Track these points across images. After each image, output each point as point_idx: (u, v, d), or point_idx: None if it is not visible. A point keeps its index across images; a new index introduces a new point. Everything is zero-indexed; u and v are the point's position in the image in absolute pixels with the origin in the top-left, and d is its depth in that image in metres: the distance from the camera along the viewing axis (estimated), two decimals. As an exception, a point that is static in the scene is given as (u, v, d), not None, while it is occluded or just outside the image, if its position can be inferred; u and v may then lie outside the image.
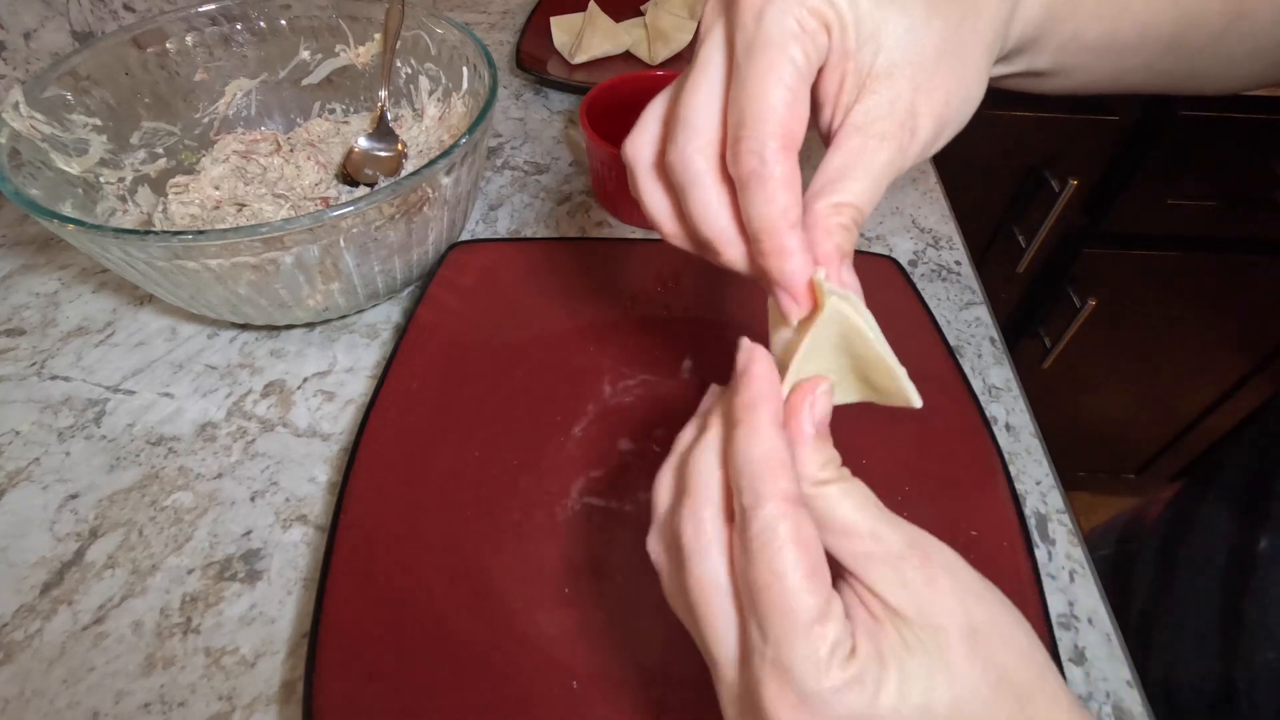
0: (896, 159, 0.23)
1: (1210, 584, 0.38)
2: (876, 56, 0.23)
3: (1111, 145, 0.87)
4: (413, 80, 0.53)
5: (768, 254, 0.22)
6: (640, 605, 0.34)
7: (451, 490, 0.37)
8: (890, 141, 0.23)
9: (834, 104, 0.24)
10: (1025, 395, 0.44)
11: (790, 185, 0.22)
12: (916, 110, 0.23)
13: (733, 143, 0.22)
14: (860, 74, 0.23)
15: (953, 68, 0.24)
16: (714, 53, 0.23)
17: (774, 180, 0.21)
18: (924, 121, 0.23)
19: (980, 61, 0.25)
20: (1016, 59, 0.28)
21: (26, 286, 0.48)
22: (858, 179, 0.23)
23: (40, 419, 0.41)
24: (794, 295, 0.22)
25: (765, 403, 0.20)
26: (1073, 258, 0.97)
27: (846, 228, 0.23)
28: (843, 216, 0.22)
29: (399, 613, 0.33)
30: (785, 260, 0.22)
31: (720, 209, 0.24)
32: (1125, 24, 0.29)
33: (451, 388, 0.41)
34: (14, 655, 0.33)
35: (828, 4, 0.22)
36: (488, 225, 0.54)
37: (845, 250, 0.23)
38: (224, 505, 0.38)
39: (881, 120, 0.23)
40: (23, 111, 0.41)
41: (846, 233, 0.23)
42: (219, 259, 0.36)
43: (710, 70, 0.23)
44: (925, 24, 0.23)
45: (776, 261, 0.22)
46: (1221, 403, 1.17)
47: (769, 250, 0.22)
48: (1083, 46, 0.29)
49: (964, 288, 0.51)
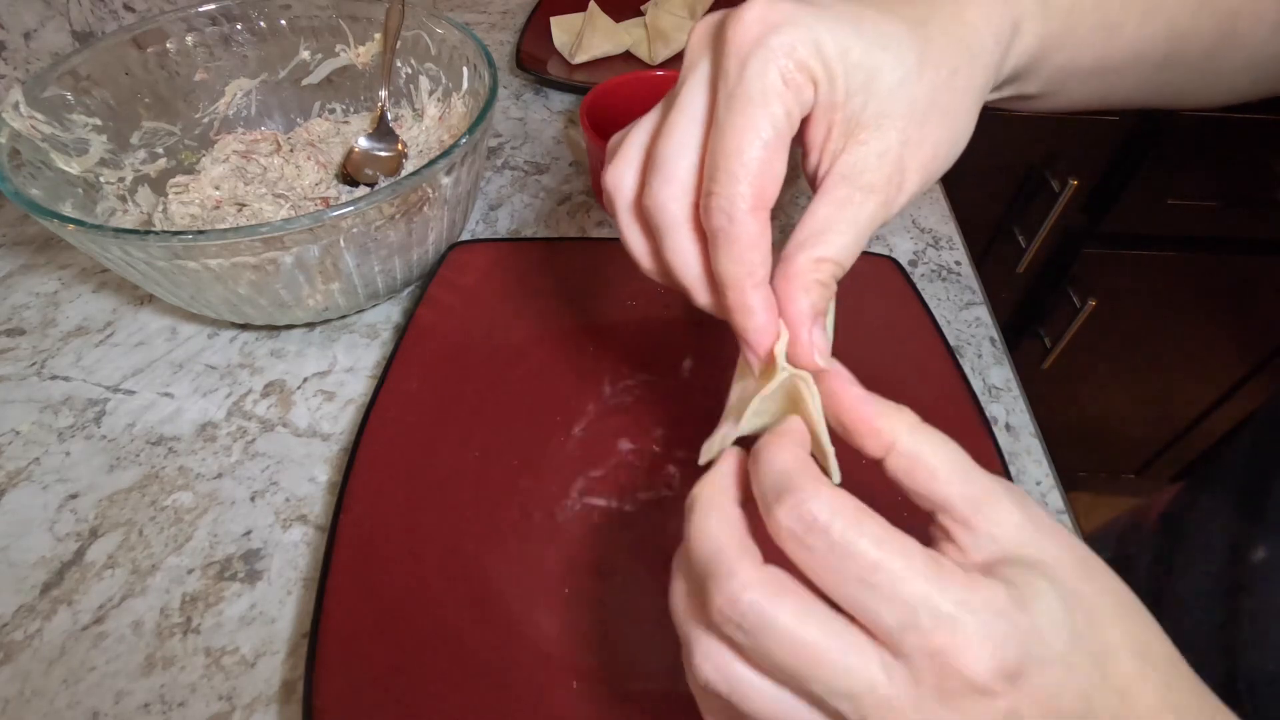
0: (881, 212, 0.23)
1: (1207, 590, 0.38)
2: (866, 107, 0.22)
3: (1111, 145, 0.87)
4: (413, 80, 0.53)
5: (732, 310, 0.23)
6: (640, 605, 0.34)
7: (451, 490, 0.37)
8: (876, 195, 0.23)
9: (820, 151, 0.23)
10: (1025, 395, 0.44)
11: (757, 245, 0.22)
12: (904, 164, 0.23)
13: (705, 196, 0.22)
14: (849, 123, 0.23)
15: (943, 117, 0.24)
16: (695, 94, 0.23)
17: (740, 241, 0.22)
18: (911, 175, 0.23)
19: (971, 107, 0.25)
20: (1007, 87, 0.28)
21: (26, 286, 0.48)
22: (841, 233, 0.22)
23: (40, 419, 0.41)
24: (755, 351, 0.22)
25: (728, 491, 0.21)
26: (1073, 258, 0.97)
27: (824, 284, 0.23)
28: (821, 273, 0.22)
29: (399, 613, 0.33)
30: (748, 318, 0.22)
31: (692, 257, 0.24)
32: (1117, 47, 0.28)
33: (451, 388, 0.41)
34: (14, 655, 0.33)
35: (816, 56, 0.21)
36: (488, 225, 0.54)
37: (819, 308, 0.23)
38: (224, 505, 0.38)
39: (869, 173, 0.23)
40: (23, 111, 0.41)
41: (823, 289, 0.23)
42: (219, 259, 0.36)
43: (689, 112, 0.23)
44: (917, 75, 0.23)
45: (740, 318, 0.22)
46: (1221, 403, 1.17)
47: (733, 306, 0.22)
48: (1075, 71, 0.28)
49: (964, 288, 0.51)
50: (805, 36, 0.21)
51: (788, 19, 0.21)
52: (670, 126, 0.23)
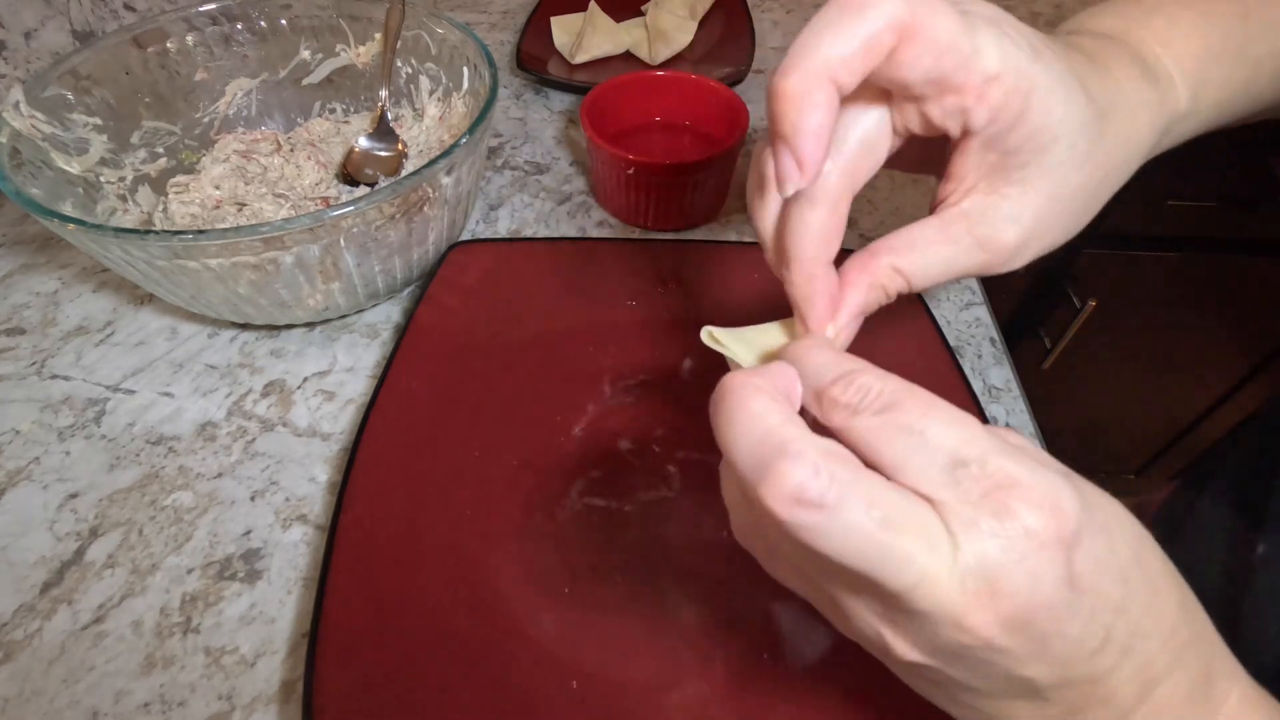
0: (976, 269, 0.23)
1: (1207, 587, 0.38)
2: (1026, 166, 0.22)
3: (1112, 146, 0.87)
4: (413, 80, 0.53)
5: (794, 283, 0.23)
6: (640, 605, 0.34)
7: (451, 490, 0.37)
8: (984, 254, 0.22)
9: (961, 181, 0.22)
10: (1025, 395, 0.44)
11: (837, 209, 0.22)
12: (1028, 241, 0.23)
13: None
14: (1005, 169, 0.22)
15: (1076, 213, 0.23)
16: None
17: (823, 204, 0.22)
18: (1025, 252, 0.23)
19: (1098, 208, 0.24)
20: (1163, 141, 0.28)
21: (26, 286, 0.48)
22: (933, 264, 0.22)
23: (40, 418, 0.41)
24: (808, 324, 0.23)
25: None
26: (1073, 258, 0.97)
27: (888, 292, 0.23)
28: (891, 282, 0.23)
29: (399, 613, 0.33)
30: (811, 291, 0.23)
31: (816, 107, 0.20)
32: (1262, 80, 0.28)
33: (451, 388, 0.41)
34: (14, 654, 0.33)
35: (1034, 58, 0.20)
36: (488, 225, 0.54)
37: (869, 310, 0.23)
38: (224, 505, 0.38)
39: (990, 230, 0.22)
40: (23, 111, 0.41)
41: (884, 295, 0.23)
42: (219, 258, 0.36)
43: None
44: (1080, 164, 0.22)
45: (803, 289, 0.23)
46: (1221, 403, 1.17)
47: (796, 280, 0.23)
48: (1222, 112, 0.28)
49: (964, 288, 0.51)
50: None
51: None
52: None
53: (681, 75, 0.56)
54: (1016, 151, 0.21)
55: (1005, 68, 0.20)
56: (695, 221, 0.53)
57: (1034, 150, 0.21)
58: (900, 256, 0.22)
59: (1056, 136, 0.21)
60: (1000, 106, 0.20)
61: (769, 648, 0.32)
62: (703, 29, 0.70)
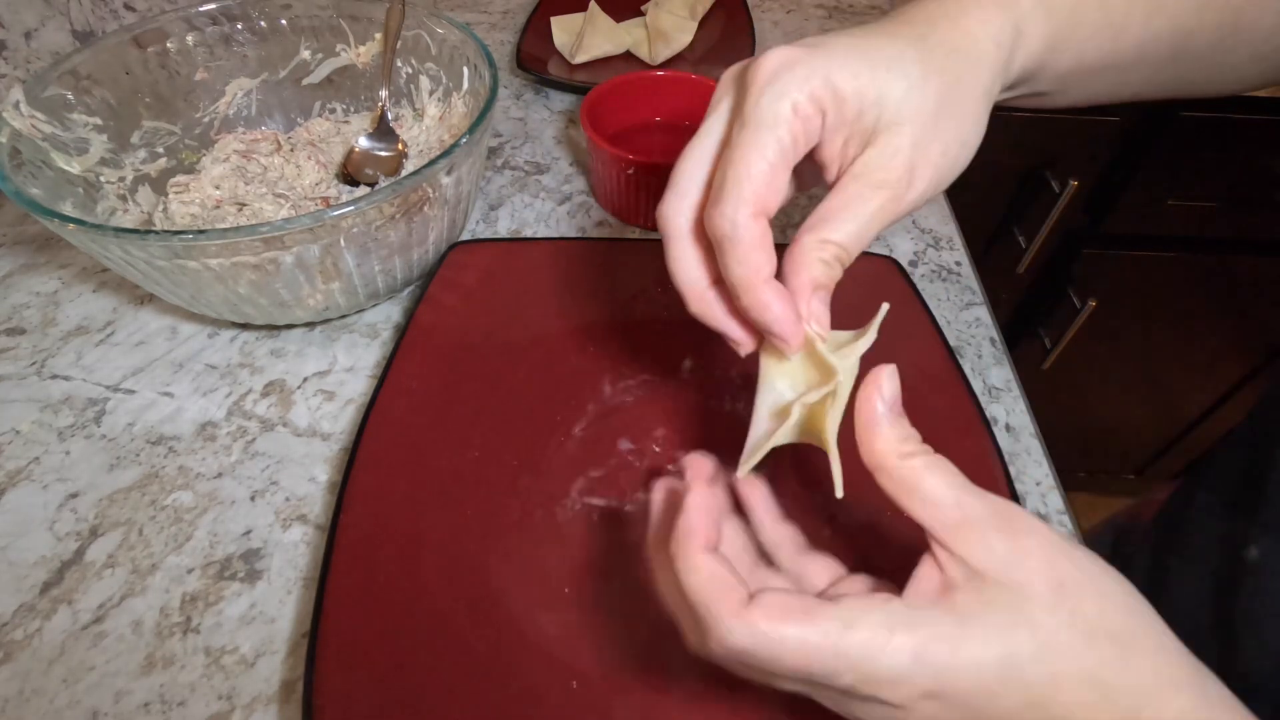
0: (890, 205, 0.25)
1: (1202, 589, 0.38)
2: (879, 119, 0.24)
3: (1111, 146, 0.87)
4: (413, 80, 0.53)
5: (749, 308, 0.24)
6: (641, 605, 0.34)
7: (451, 490, 0.37)
8: (886, 190, 0.24)
9: (838, 162, 0.25)
10: (1025, 395, 0.44)
11: (760, 246, 0.23)
12: (914, 162, 0.25)
13: (709, 208, 0.24)
14: (863, 135, 0.25)
15: (950, 121, 0.25)
16: (714, 124, 0.26)
17: (744, 243, 0.23)
18: (922, 172, 0.25)
19: (978, 110, 0.26)
20: (1019, 86, 0.29)
21: (27, 286, 0.48)
22: (848, 220, 0.24)
23: (40, 418, 0.41)
24: (784, 339, 0.24)
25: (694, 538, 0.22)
26: (1073, 258, 0.97)
27: (827, 263, 0.24)
28: (824, 252, 0.24)
29: (399, 613, 0.33)
30: (765, 311, 0.24)
31: (691, 263, 0.26)
32: (1124, 45, 0.29)
33: (451, 388, 0.41)
34: (14, 654, 0.33)
35: (827, 87, 0.23)
36: (488, 225, 0.54)
37: (820, 283, 0.24)
38: (224, 505, 0.38)
39: (879, 170, 0.24)
40: (23, 110, 0.41)
41: (825, 267, 0.24)
42: (219, 258, 0.36)
43: (706, 140, 0.25)
44: (922, 85, 0.24)
45: (758, 314, 0.24)
46: (1221, 403, 1.17)
47: (749, 305, 0.24)
48: (1083, 69, 0.29)
49: (964, 288, 0.51)
50: (817, 72, 0.23)
51: (801, 59, 0.23)
52: (688, 151, 0.26)
53: (681, 75, 0.56)
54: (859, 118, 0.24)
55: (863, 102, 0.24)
56: (695, 221, 0.53)
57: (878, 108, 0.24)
58: (818, 230, 0.24)
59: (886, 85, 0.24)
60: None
61: (769, 648, 0.32)
62: (703, 29, 0.70)
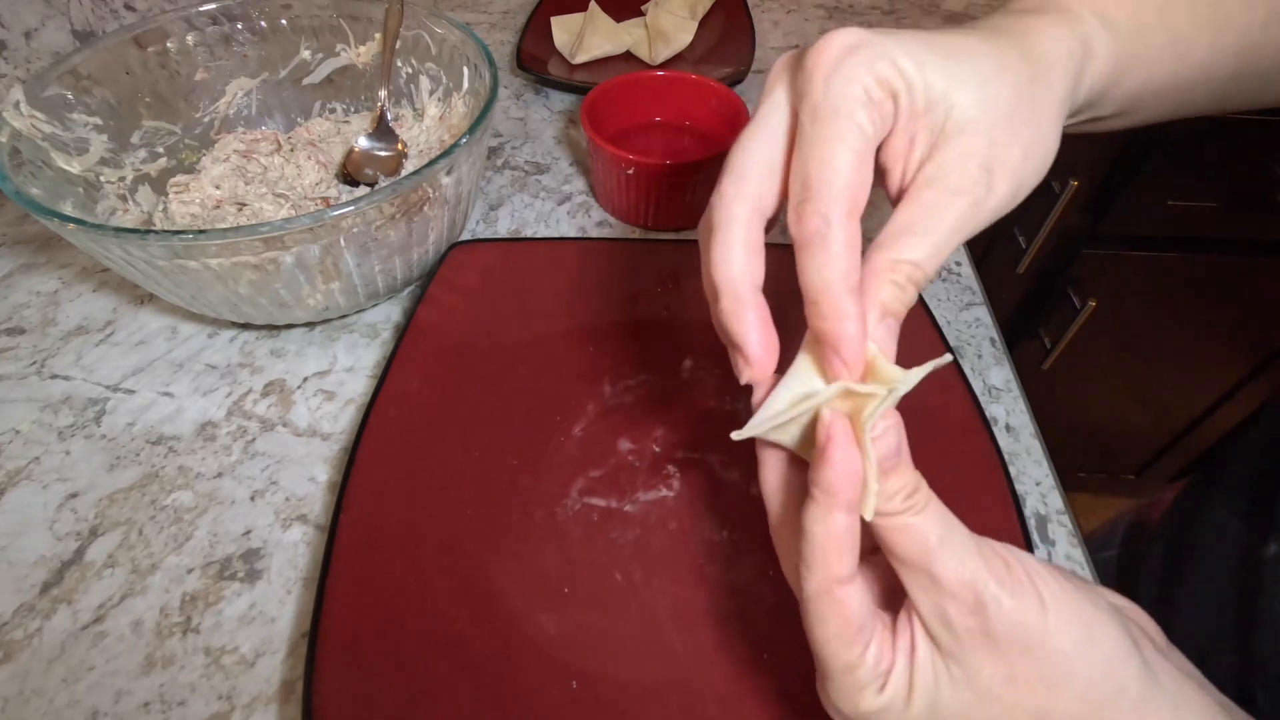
0: (970, 214, 0.22)
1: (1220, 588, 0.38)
2: (949, 114, 0.22)
3: (1112, 146, 0.87)
4: (413, 80, 0.53)
5: (825, 316, 0.21)
6: (641, 605, 0.34)
7: (451, 490, 0.37)
8: (964, 196, 0.22)
9: (904, 163, 0.23)
10: (1025, 396, 0.44)
11: (852, 249, 0.21)
12: (992, 164, 0.22)
13: (797, 204, 0.22)
14: (933, 131, 0.22)
15: (1028, 121, 0.23)
16: (771, 111, 0.24)
17: (836, 243, 0.21)
18: (1001, 175, 0.22)
19: (1054, 117, 0.24)
20: (1085, 111, 0.28)
21: (27, 285, 0.48)
22: (925, 233, 0.22)
23: (40, 418, 0.41)
24: (845, 359, 0.21)
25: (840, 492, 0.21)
26: (1073, 258, 0.97)
27: (900, 285, 0.22)
28: (897, 274, 0.22)
29: (399, 613, 0.33)
30: (842, 323, 0.21)
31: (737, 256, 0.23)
32: (1189, 65, 0.28)
33: (451, 388, 0.41)
34: (14, 654, 0.33)
35: (895, 71, 0.22)
36: (488, 225, 0.54)
37: (890, 309, 0.22)
38: (224, 505, 0.38)
39: (955, 174, 0.22)
40: (23, 110, 0.41)
41: (898, 291, 0.22)
42: (219, 258, 0.36)
43: (764, 127, 0.23)
44: (998, 78, 0.23)
45: (834, 323, 0.21)
46: (1221, 404, 1.17)
47: (827, 313, 0.21)
48: (1149, 91, 0.28)
49: (964, 288, 0.51)
50: (883, 55, 0.22)
51: (865, 42, 0.22)
52: (744, 139, 0.24)
53: (681, 75, 0.56)
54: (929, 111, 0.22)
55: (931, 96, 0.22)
56: (695, 222, 0.53)
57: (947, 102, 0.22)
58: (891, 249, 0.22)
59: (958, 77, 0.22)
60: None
61: (769, 648, 0.32)
62: (703, 29, 0.70)
